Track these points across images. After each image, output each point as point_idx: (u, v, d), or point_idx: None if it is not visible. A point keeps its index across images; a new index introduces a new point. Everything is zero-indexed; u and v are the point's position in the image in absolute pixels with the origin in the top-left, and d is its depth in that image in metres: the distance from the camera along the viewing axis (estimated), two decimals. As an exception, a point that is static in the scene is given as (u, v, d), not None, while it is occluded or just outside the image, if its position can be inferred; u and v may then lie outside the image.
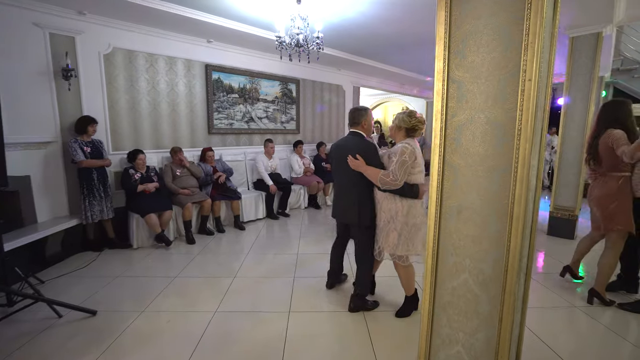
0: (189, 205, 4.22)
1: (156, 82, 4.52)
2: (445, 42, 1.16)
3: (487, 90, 1.10)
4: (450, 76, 1.17)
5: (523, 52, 1.00)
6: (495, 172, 1.11)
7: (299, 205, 6.06)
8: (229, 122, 5.46)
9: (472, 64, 1.12)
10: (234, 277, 3.24)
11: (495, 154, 1.10)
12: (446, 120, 1.20)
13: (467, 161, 1.17)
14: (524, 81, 1.01)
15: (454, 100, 1.18)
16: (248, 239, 4.40)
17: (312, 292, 2.94)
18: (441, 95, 1.19)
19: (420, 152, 2.26)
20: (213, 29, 4.44)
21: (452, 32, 1.14)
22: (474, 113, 1.14)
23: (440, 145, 1.22)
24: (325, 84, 7.12)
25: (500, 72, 1.06)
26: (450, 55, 1.16)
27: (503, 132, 1.08)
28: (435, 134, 1.23)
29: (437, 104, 1.21)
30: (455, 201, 1.22)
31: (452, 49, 1.15)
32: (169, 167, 4.40)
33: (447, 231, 1.25)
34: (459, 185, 1.20)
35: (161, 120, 4.61)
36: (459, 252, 1.22)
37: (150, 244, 4.06)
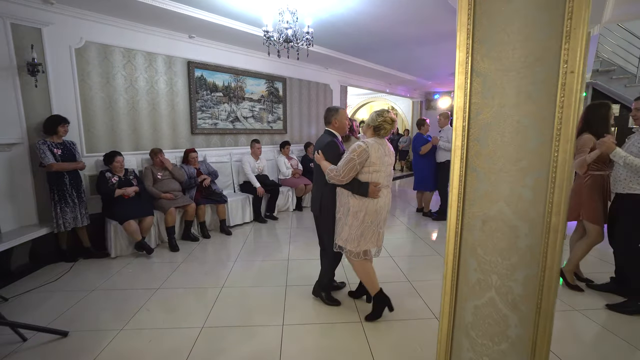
0: (171, 210, 3.96)
1: (134, 79, 4.23)
2: (468, 29, 1.01)
3: (519, 85, 0.96)
4: (474, 68, 1.03)
5: (564, 39, 0.87)
6: (528, 177, 0.98)
7: (287, 208, 5.88)
8: (213, 121, 5.21)
9: (501, 54, 0.98)
10: (221, 287, 3.03)
11: (529, 156, 0.97)
12: (469, 118, 1.06)
13: (494, 165, 1.03)
14: (565, 73, 0.87)
15: (479, 96, 1.04)
16: (235, 245, 4.18)
17: (306, 301, 2.77)
18: (464, 90, 1.05)
19: (381, 152, 2.25)
20: (195, 24, 4.20)
21: (477, 17, 1.00)
22: (503, 110, 1.00)
23: (462, 147, 1.07)
24: (312, 83, 6.96)
25: (536, 63, 0.93)
26: (475, 45, 1.02)
27: (538, 131, 0.95)
28: (456, 134, 1.09)
29: (458, 100, 1.07)
30: (479, 210, 1.08)
31: (477, 37, 1.01)
32: (149, 169, 4.13)
33: (470, 244, 1.11)
34: (484, 192, 1.06)
35: (140, 120, 4.33)
36: (484, 267, 1.09)
37: (130, 252, 3.78)
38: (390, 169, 2.35)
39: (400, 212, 6.00)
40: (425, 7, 3.89)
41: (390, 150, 2.35)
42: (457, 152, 1.09)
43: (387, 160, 2.30)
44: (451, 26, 4.58)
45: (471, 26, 1.01)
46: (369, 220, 2.29)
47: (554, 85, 0.90)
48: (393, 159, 2.38)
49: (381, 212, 2.31)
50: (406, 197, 7.21)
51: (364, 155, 2.18)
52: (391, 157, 2.35)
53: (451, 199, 1.12)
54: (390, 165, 2.34)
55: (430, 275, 3.28)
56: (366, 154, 2.19)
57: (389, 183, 2.36)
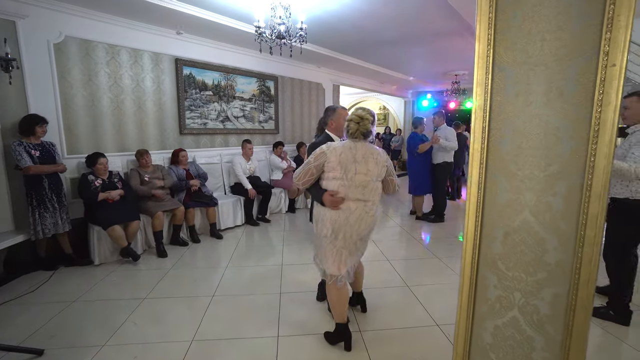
0: (159, 214, 3.77)
1: (119, 77, 4.03)
2: (490, 18, 0.90)
3: (548, 80, 0.86)
4: (496, 62, 0.92)
5: (604, 28, 0.76)
6: (558, 184, 0.87)
7: (279, 210, 5.73)
8: (202, 121, 5.03)
9: (528, 46, 0.87)
10: (212, 295, 2.87)
11: (559, 161, 0.87)
12: (490, 119, 0.95)
13: (519, 171, 0.93)
14: (604, 67, 0.77)
15: (501, 94, 0.93)
16: (226, 249, 4.02)
17: (302, 309, 2.64)
18: (483, 87, 0.94)
19: (347, 157, 1.90)
20: (183, 19, 4.02)
21: (500, 5, 0.89)
22: (529, 109, 0.89)
23: (482, 151, 0.96)
24: (304, 82, 6.82)
25: (570, 55, 0.82)
26: (497, 36, 0.91)
27: (571, 133, 0.84)
28: (475, 137, 0.97)
29: (477, 98, 0.95)
30: (500, 221, 0.97)
31: (500, 27, 0.90)
32: (135, 171, 3.93)
33: (489, 258, 1.00)
34: (507, 200, 0.95)
35: (125, 120, 4.13)
36: (506, 284, 0.98)
37: (114, 259, 3.59)
38: (362, 179, 1.91)
39: (393, 212, 5.92)
40: (420, 4, 3.80)
41: (368, 157, 1.93)
42: (475, 156, 0.98)
43: (358, 168, 1.90)
44: (445, 25, 4.50)
45: (493, 15, 0.90)
46: (327, 234, 1.97)
47: (591, 81, 0.80)
48: (373, 168, 1.93)
49: (342, 229, 1.93)
50: (399, 197, 7.14)
51: (320, 158, 1.93)
52: (369, 164, 1.92)
53: (468, 208, 1.01)
54: (364, 174, 1.91)
55: (429, 279, 3.19)
56: (323, 157, 1.93)
57: (362, 196, 1.93)
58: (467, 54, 6.21)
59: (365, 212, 1.94)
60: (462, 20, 4.22)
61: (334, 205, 1.92)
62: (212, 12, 3.98)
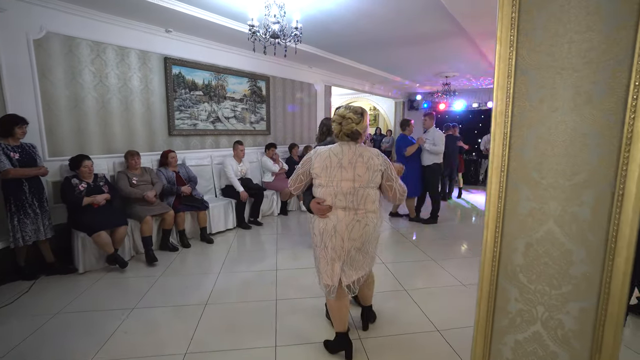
0: (148, 218, 3.63)
1: (104, 76, 3.86)
2: (512, 18, 0.86)
3: (576, 84, 0.82)
4: (518, 65, 0.87)
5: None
6: (585, 193, 0.83)
7: (271, 212, 5.63)
8: (192, 122, 4.89)
9: (554, 48, 0.83)
10: (205, 303, 2.77)
11: (587, 169, 0.82)
12: (511, 124, 0.90)
13: (542, 179, 0.88)
14: (638, 71, 0.73)
15: (524, 98, 0.88)
16: (218, 254, 3.91)
17: (299, 317, 2.56)
18: (505, 92, 0.89)
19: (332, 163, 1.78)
20: (173, 17, 3.88)
21: (524, 4, 0.85)
22: (555, 115, 0.85)
23: (502, 157, 0.92)
24: (296, 82, 6.74)
25: (600, 58, 0.78)
26: (520, 37, 0.86)
27: (600, 140, 0.80)
28: (495, 143, 0.93)
29: (498, 103, 0.91)
30: (522, 231, 0.93)
31: (523, 28, 0.86)
32: (123, 173, 3.77)
33: (510, 270, 0.96)
34: (529, 210, 0.91)
35: (112, 120, 3.96)
36: (528, 297, 0.94)
37: (100, 266, 3.42)
38: (349, 186, 1.76)
39: (384, 212, 5.90)
40: (416, 5, 3.78)
41: (356, 161, 1.76)
42: (495, 163, 0.93)
43: (344, 174, 1.76)
44: (438, 26, 4.50)
45: (516, 15, 0.85)
46: (317, 243, 1.91)
47: (624, 85, 0.76)
48: (363, 174, 1.76)
49: (330, 238, 1.82)
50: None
51: (306, 165, 1.86)
52: (357, 169, 1.76)
53: (487, 218, 0.96)
54: (351, 181, 1.76)
55: (426, 282, 3.16)
56: (309, 163, 1.85)
57: (351, 204, 1.78)
58: (458, 56, 6.25)
59: (357, 220, 1.79)
60: (455, 21, 4.22)
61: (320, 213, 1.83)
62: (202, 9, 3.86)
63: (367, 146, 1.86)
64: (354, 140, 1.80)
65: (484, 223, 0.98)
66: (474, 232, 4.91)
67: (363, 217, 1.81)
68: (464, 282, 3.17)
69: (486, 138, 8.87)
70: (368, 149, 1.82)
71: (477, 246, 4.23)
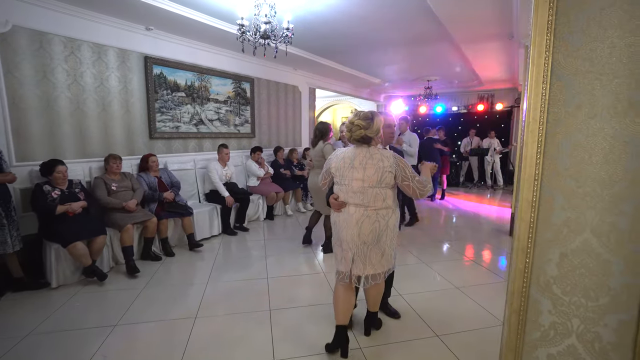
0: (129, 227, 3.41)
1: (79, 75, 3.62)
2: (549, 21, 0.82)
3: (616, 91, 0.79)
4: (554, 71, 0.84)
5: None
6: (625, 203, 0.81)
7: (257, 217, 5.48)
8: (174, 124, 4.68)
9: (593, 53, 0.80)
10: (194, 317, 2.61)
11: (628, 178, 0.80)
12: (546, 132, 0.87)
13: (578, 188, 0.86)
14: (684, 78, 0.71)
15: (559, 104, 0.85)
16: (205, 263, 3.74)
17: (295, 328, 2.47)
18: (539, 98, 0.86)
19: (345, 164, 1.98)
20: (154, 14, 3.70)
21: (561, 7, 0.82)
22: (593, 122, 0.82)
23: (536, 166, 0.88)
24: (281, 84, 6.64)
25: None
26: (556, 41, 0.83)
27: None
28: (528, 151, 0.89)
29: (532, 109, 0.87)
30: (556, 242, 0.90)
31: (560, 31, 0.83)
32: (101, 180, 3.53)
33: (543, 281, 0.92)
34: (564, 219, 0.88)
35: (88, 123, 3.71)
36: (562, 309, 0.91)
37: (76, 279, 3.17)
38: (359, 185, 1.93)
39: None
40: (406, 9, 3.80)
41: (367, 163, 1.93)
42: (528, 172, 0.90)
43: (354, 174, 1.93)
44: (424, 30, 4.56)
45: (552, 18, 0.82)
46: (333, 232, 2.13)
47: (669, 93, 0.74)
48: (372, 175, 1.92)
49: (341, 230, 2.01)
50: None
51: (326, 164, 2.12)
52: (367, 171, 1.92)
53: (519, 227, 0.93)
54: (360, 180, 1.92)
55: (420, 286, 3.14)
56: (328, 163, 2.10)
57: (361, 202, 1.94)
58: (442, 60, 6.38)
59: (367, 216, 1.93)
60: (441, 26, 4.29)
61: (335, 208, 2.04)
62: (186, 7, 3.70)
63: (381, 149, 1.98)
64: (366, 143, 1.95)
65: (515, 234, 0.94)
66: (460, 233, 4.98)
67: (373, 213, 1.94)
68: (456, 284, 3.19)
69: (465, 141, 9.10)
70: (381, 151, 1.95)
71: (464, 248, 4.29)
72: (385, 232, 1.97)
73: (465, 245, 4.41)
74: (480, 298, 2.91)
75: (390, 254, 2.06)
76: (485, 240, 4.67)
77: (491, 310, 2.70)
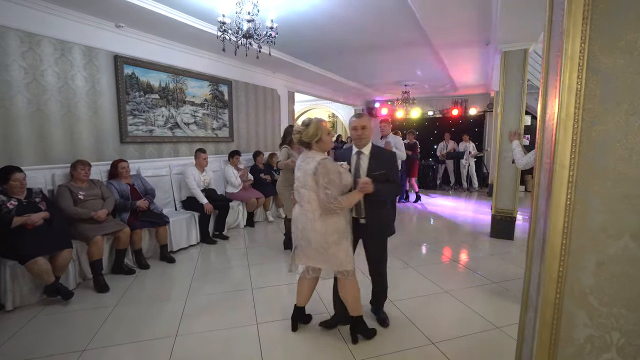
0: (98, 239, 3.11)
1: (40, 73, 3.29)
2: (585, 11, 0.76)
3: (659, 86, 0.74)
4: (590, 64, 0.79)
5: None
6: (669, 206, 0.76)
7: (237, 224, 5.26)
8: (148, 128, 4.40)
9: (635, 45, 0.75)
10: (174, 336, 2.39)
11: (672, 179, 0.75)
12: (581, 130, 0.81)
13: (617, 190, 0.80)
14: None
15: (596, 101, 0.79)
16: (182, 275, 3.49)
17: (285, 340, 2.32)
18: (574, 93, 0.79)
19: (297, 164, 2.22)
20: (124, 10, 3.45)
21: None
22: (633, 120, 0.77)
23: (570, 167, 0.82)
24: (259, 87, 6.48)
25: (690, 57, 0.71)
26: (592, 33, 0.77)
27: (688, 147, 0.74)
28: (561, 150, 0.83)
29: (565, 106, 0.81)
30: (592, 248, 0.83)
31: (596, 22, 0.77)
32: (65, 188, 3.21)
33: (577, 291, 0.86)
34: (600, 224, 0.82)
35: (50, 126, 3.38)
36: (600, 322, 0.84)
37: (36, 300, 2.84)
38: (298, 187, 2.16)
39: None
40: (388, 13, 3.78)
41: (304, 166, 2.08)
42: (561, 174, 0.83)
43: (297, 175, 2.16)
44: (407, 34, 4.58)
45: (589, 7, 0.76)
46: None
47: None
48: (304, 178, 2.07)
49: (292, 224, 2.26)
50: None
51: None
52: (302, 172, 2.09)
53: (551, 234, 0.86)
54: (299, 182, 2.12)
55: (409, 291, 3.08)
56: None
57: (299, 200, 2.16)
58: (420, 65, 6.47)
59: (301, 214, 2.13)
60: (422, 31, 4.33)
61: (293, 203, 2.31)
62: (160, 3, 3.48)
63: (316, 153, 2.09)
64: (306, 147, 2.12)
65: (547, 240, 0.87)
66: (442, 236, 5.01)
67: (303, 213, 2.13)
68: (445, 287, 3.16)
69: (441, 145, 9.32)
70: (317, 154, 2.07)
71: (448, 250, 4.31)
72: (312, 234, 2.08)
73: (449, 248, 4.43)
74: (470, 301, 2.89)
75: (337, 255, 2.09)
76: (467, 241, 4.72)
77: (483, 313, 2.68)
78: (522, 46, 4.44)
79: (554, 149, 0.84)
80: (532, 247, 1.11)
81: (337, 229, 2.07)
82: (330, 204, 1.97)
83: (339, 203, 1.98)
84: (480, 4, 3.55)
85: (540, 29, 4.04)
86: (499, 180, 4.74)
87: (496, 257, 4.02)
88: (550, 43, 0.97)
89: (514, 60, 4.52)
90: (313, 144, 2.08)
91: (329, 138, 2.13)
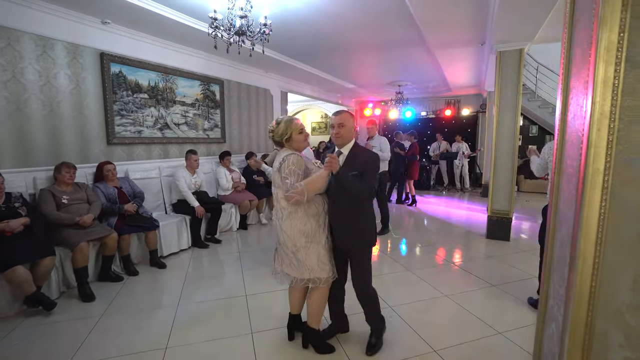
0: (83, 245, 2.95)
1: (19, 71, 3.12)
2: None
3: None
4: (629, 57, 0.71)
5: None
6: None
7: (230, 227, 5.12)
8: (136, 129, 4.24)
9: (680, 36, 0.67)
10: (165, 347, 2.27)
11: None
12: (617, 130, 0.73)
13: (658, 196, 0.72)
14: None
15: (634, 97, 0.71)
16: (173, 281, 3.35)
17: (283, 352, 2.21)
18: (611, 89, 0.71)
19: None
20: (110, 5, 3.30)
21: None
22: (678, 118, 0.69)
23: (605, 172, 0.74)
24: (252, 87, 6.35)
25: None
26: (633, 21, 0.69)
27: None
28: (594, 154, 0.74)
29: (601, 102, 0.73)
30: (629, 261, 0.75)
31: (637, 9, 0.69)
32: (48, 192, 3.05)
33: (612, 309, 0.78)
34: (638, 234, 0.74)
35: (30, 126, 3.21)
36: (637, 343, 0.76)
37: (16, 311, 2.68)
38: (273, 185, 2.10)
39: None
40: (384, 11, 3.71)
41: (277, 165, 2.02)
42: (594, 179, 0.75)
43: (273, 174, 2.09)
44: (402, 34, 4.52)
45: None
46: None
47: None
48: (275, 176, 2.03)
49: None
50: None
51: None
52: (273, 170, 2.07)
53: (583, 245, 0.78)
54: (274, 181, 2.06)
55: (408, 296, 3.00)
56: None
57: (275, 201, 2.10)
58: (414, 65, 6.42)
59: (274, 213, 2.07)
60: (417, 30, 4.26)
61: None
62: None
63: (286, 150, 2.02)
64: (280, 146, 2.07)
65: (578, 253, 0.79)
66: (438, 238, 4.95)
67: (275, 211, 2.06)
68: (444, 291, 3.09)
69: (435, 145, 9.29)
70: (290, 153, 1.97)
71: (444, 252, 4.26)
72: (281, 234, 2.00)
73: (446, 250, 4.37)
74: (470, 306, 2.82)
75: (307, 261, 1.96)
76: (464, 243, 4.68)
77: (484, 318, 2.61)
78: (517, 46, 4.42)
79: (585, 152, 0.76)
80: (551, 256, 1.03)
81: (304, 231, 1.94)
82: (287, 192, 1.86)
83: (296, 188, 1.82)
84: (476, 3, 3.50)
85: (536, 29, 4.02)
86: (494, 181, 4.70)
87: (494, 259, 3.98)
88: (572, 34, 0.89)
89: (510, 61, 4.49)
90: (284, 143, 2.02)
91: (300, 137, 2.01)
